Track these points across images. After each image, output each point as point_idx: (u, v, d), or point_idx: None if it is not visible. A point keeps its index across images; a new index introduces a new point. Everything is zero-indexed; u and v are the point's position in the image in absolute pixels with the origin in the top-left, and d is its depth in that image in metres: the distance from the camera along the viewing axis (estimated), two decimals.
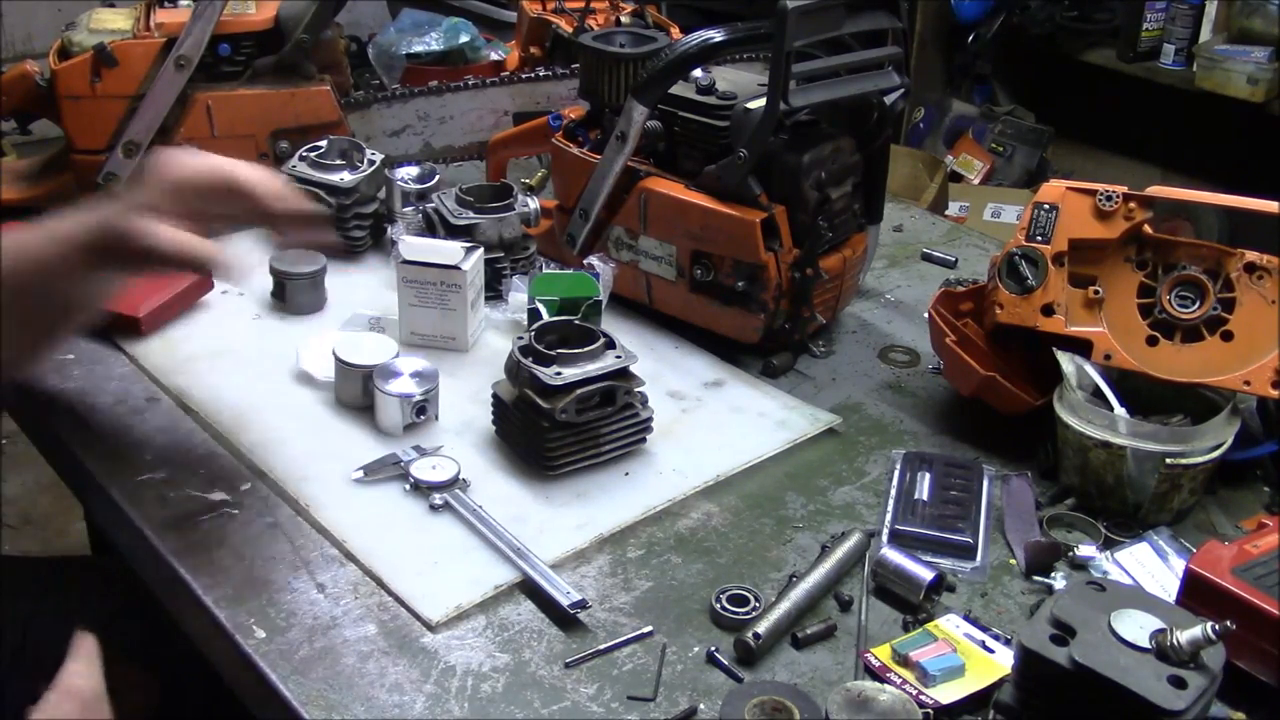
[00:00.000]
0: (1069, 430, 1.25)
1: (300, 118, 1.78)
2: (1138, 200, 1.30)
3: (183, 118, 1.74)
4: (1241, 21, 3.65)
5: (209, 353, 1.47)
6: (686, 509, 1.25)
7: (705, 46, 1.42)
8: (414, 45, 2.28)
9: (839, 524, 1.24)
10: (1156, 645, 0.90)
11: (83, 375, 1.42)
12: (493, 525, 1.18)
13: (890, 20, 1.47)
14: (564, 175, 1.62)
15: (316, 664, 1.04)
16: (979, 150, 4.24)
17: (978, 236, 1.95)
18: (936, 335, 1.40)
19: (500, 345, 1.47)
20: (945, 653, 1.04)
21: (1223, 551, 1.06)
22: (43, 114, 1.79)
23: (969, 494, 1.26)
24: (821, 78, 1.42)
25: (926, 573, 1.12)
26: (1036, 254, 1.32)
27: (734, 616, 1.09)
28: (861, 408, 1.45)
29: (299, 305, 1.56)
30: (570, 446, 1.26)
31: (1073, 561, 1.19)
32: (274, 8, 1.79)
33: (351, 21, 2.55)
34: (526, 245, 1.61)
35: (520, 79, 1.98)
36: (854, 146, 1.51)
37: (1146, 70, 3.85)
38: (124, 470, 1.26)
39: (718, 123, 1.47)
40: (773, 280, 1.43)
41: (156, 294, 1.51)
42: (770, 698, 0.98)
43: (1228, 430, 1.24)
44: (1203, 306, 1.28)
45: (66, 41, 1.74)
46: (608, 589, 1.14)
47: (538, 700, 1.01)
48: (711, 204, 1.45)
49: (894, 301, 1.71)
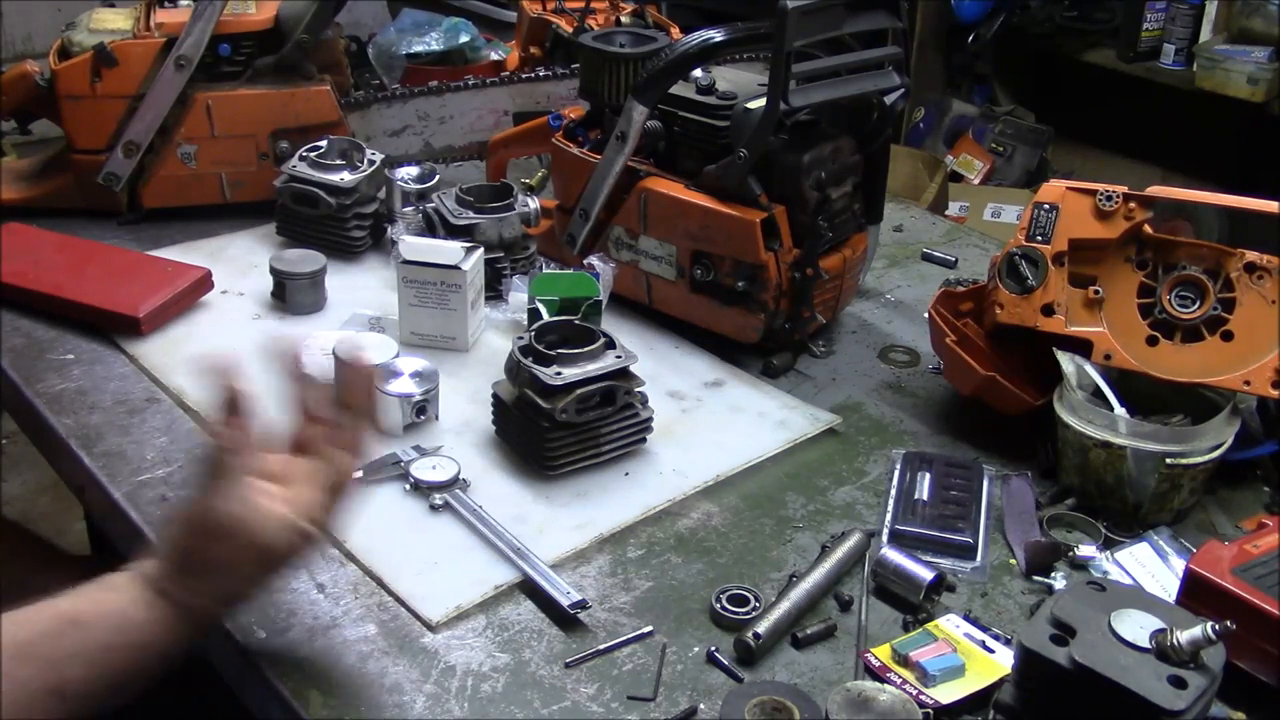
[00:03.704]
0: (1069, 430, 1.25)
1: (300, 118, 1.78)
2: (1138, 200, 1.30)
3: (183, 118, 1.74)
4: (1241, 21, 3.65)
5: (209, 353, 1.46)
6: (686, 509, 1.25)
7: (705, 46, 1.42)
8: (414, 45, 2.27)
9: (839, 524, 1.24)
10: (1156, 645, 0.90)
11: (83, 375, 1.42)
12: (493, 525, 1.18)
13: (890, 20, 1.47)
14: (564, 175, 1.62)
15: (316, 664, 1.04)
16: (979, 150, 4.24)
17: (978, 236, 1.95)
18: (936, 335, 1.40)
19: (500, 345, 1.47)
20: (945, 653, 1.04)
21: (1223, 551, 1.06)
22: (43, 114, 1.79)
23: (969, 494, 1.26)
24: (821, 78, 1.42)
25: (926, 573, 1.12)
26: (1036, 254, 1.32)
27: (734, 616, 1.09)
28: (861, 408, 1.45)
29: (299, 305, 1.56)
30: (570, 446, 1.26)
31: (1073, 561, 1.19)
32: (274, 8, 1.79)
33: (351, 21, 2.55)
34: (526, 245, 1.61)
35: (520, 79, 1.98)
36: (854, 146, 1.51)
37: (1146, 70, 3.85)
38: (124, 470, 1.26)
39: (718, 123, 1.47)
40: (773, 280, 1.43)
41: (156, 294, 1.51)
42: (770, 698, 0.97)
43: (1228, 430, 1.24)
44: (1203, 306, 1.28)
45: (66, 41, 1.74)
46: (608, 589, 1.14)
47: (538, 700, 1.01)
48: (711, 204, 1.45)
49: (894, 301, 1.71)
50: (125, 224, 1.78)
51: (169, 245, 1.72)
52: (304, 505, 0.98)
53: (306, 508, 0.98)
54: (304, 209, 1.67)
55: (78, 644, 0.92)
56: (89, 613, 0.94)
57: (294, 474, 1.01)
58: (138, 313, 1.48)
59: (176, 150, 1.75)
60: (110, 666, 0.94)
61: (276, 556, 0.98)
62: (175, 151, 1.75)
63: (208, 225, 1.77)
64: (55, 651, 0.92)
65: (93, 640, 0.93)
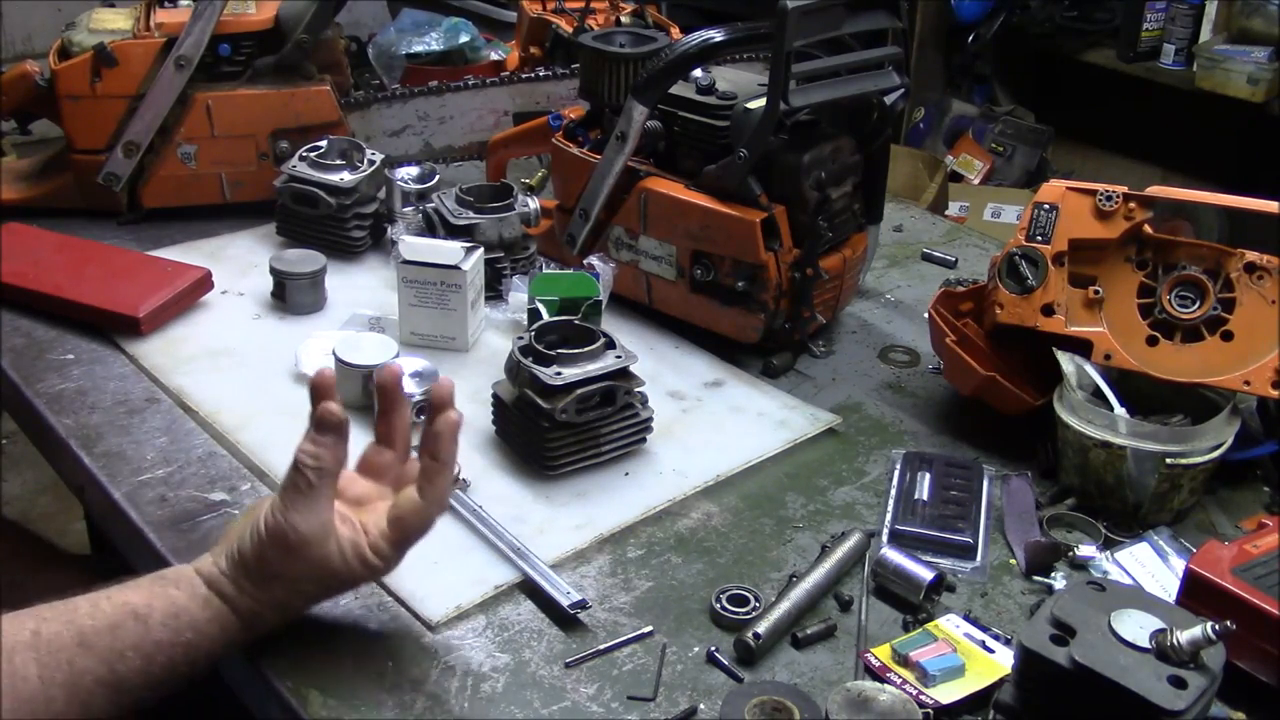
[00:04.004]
0: (1069, 430, 1.25)
1: (300, 118, 1.78)
2: (1138, 200, 1.30)
3: (183, 118, 1.74)
4: (1241, 21, 3.65)
5: (209, 353, 1.47)
6: (686, 509, 1.25)
7: (705, 46, 1.42)
8: (414, 45, 2.27)
9: (839, 524, 1.24)
10: (1156, 645, 0.90)
11: (83, 375, 1.42)
12: (493, 525, 1.18)
13: (890, 20, 1.47)
14: (564, 175, 1.62)
15: (316, 664, 1.04)
16: (979, 150, 4.24)
17: (978, 236, 1.95)
18: (936, 335, 1.40)
19: (500, 345, 1.47)
20: (945, 653, 1.04)
21: (1223, 551, 1.06)
22: (43, 114, 1.79)
23: (969, 494, 1.26)
24: (821, 78, 1.42)
25: (926, 573, 1.12)
26: (1036, 254, 1.32)
27: (734, 616, 1.09)
28: (861, 408, 1.45)
29: (299, 305, 1.56)
30: (570, 446, 1.26)
31: (1073, 561, 1.19)
32: (274, 8, 1.79)
33: (351, 21, 2.55)
34: (526, 245, 1.61)
35: (520, 79, 1.98)
36: (854, 146, 1.51)
37: (1146, 70, 3.85)
38: (124, 470, 1.26)
39: (718, 123, 1.47)
40: (773, 280, 1.43)
41: (156, 294, 1.51)
42: (770, 698, 0.97)
43: (1228, 430, 1.24)
44: (1203, 306, 1.28)
45: (66, 41, 1.74)
46: (608, 589, 1.14)
47: (538, 700, 1.01)
48: (711, 204, 1.45)
49: (894, 301, 1.71)
50: (125, 224, 1.78)
51: (169, 245, 1.72)
52: (374, 536, 1.01)
53: (374, 539, 1.01)
54: (304, 209, 1.67)
55: (136, 638, 0.93)
56: (149, 607, 0.95)
57: (371, 502, 1.03)
58: (138, 313, 1.48)
59: (176, 150, 1.75)
60: (163, 662, 0.95)
61: (339, 581, 1.02)
62: (175, 151, 1.75)
63: (208, 225, 1.77)
64: (115, 644, 0.92)
65: (150, 636, 0.94)
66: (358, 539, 1.00)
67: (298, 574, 0.99)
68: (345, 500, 1.03)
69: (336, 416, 0.99)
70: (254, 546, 0.98)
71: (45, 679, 0.90)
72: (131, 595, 0.96)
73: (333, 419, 0.99)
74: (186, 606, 0.96)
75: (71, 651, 0.91)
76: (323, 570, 0.99)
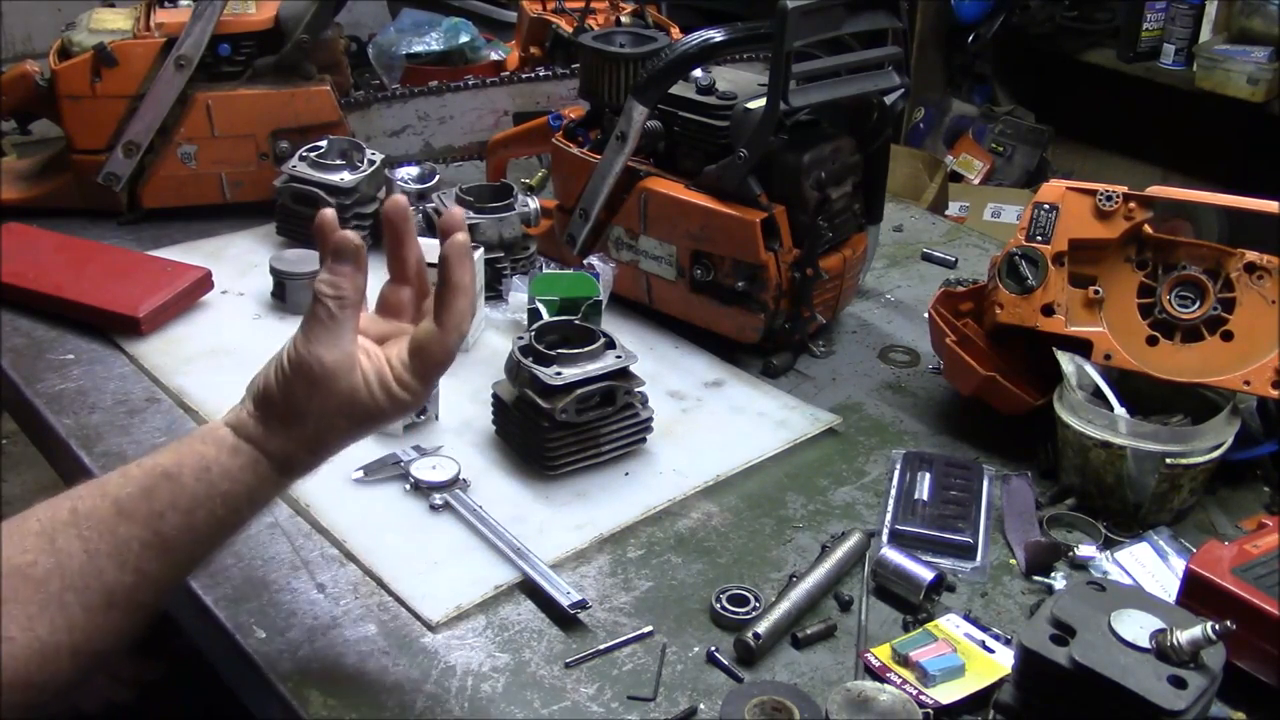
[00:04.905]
0: (1069, 430, 1.25)
1: (300, 118, 1.78)
2: (1138, 200, 1.30)
3: (183, 118, 1.74)
4: (1241, 21, 3.65)
5: (209, 353, 1.47)
6: (686, 509, 1.25)
7: (705, 46, 1.42)
8: (414, 45, 2.27)
9: (839, 524, 1.24)
10: (1156, 645, 0.90)
11: (83, 375, 1.42)
12: (493, 525, 1.18)
13: (890, 20, 1.47)
14: (564, 175, 1.62)
15: (316, 664, 1.04)
16: (979, 150, 4.24)
17: (978, 236, 1.95)
18: (936, 335, 1.40)
19: (500, 345, 1.47)
20: (945, 653, 1.04)
21: (1223, 551, 1.06)
22: (43, 114, 1.79)
23: (969, 494, 1.26)
24: (821, 78, 1.42)
25: (926, 573, 1.12)
26: (1036, 254, 1.32)
27: (734, 616, 1.09)
28: (861, 408, 1.45)
29: (299, 305, 1.56)
30: (570, 446, 1.26)
31: (1073, 561, 1.19)
32: (274, 8, 1.79)
33: (351, 21, 2.55)
34: (526, 245, 1.61)
35: (520, 79, 1.98)
36: (854, 146, 1.51)
37: (1146, 70, 3.85)
38: None
39: (718, 123, 1.47)
40: (773, 280, 1.43)
41: (156, 294, 1.51)
42: (770, 698, 0.97)
43: (1228, 430, 1.24)
44: (1203, 306, 1.28)
45: (66, 41, 1.74)
46: (608, 589, 1.14)
47: (538, 700, 1.01)
48: (711, 204, 1.45)
49: (894, 301, 1.71)
50: (125, 224, 1.78)
51: (169, 245, 1.72)
52: (398, 368, 0.97)
53: (398, 371, 0.97)
54: (304, 209, 1.67)
55: (171, 496, 0.93)
56: (179, 465, 0.94)
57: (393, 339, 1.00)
58: (138, 313, 1.48)
59: (176, 150, 1.75)
60: (204, 516, 0.94)
61: (368, 414, 0.97)
62: (175, 151, 1.75)
63: (208, 225, 1.77)
64: (152, 506, 0.92)
65: (185, 492, 0.93)
66: (382, 369, 0.96)
67: (323, 407, 0.95)
68: (368, 338, 1.00)
69: (353, 243, 0.96)
70: (280, 384, 0.95)
71: (91, 551, 0.89)
72: (160, 458, 0.95)
73: (349, 245, 0.96)
74: (216, 458, 0.95)
75: (112, 521, 0.91)
76: (350, 403, 0.95)
